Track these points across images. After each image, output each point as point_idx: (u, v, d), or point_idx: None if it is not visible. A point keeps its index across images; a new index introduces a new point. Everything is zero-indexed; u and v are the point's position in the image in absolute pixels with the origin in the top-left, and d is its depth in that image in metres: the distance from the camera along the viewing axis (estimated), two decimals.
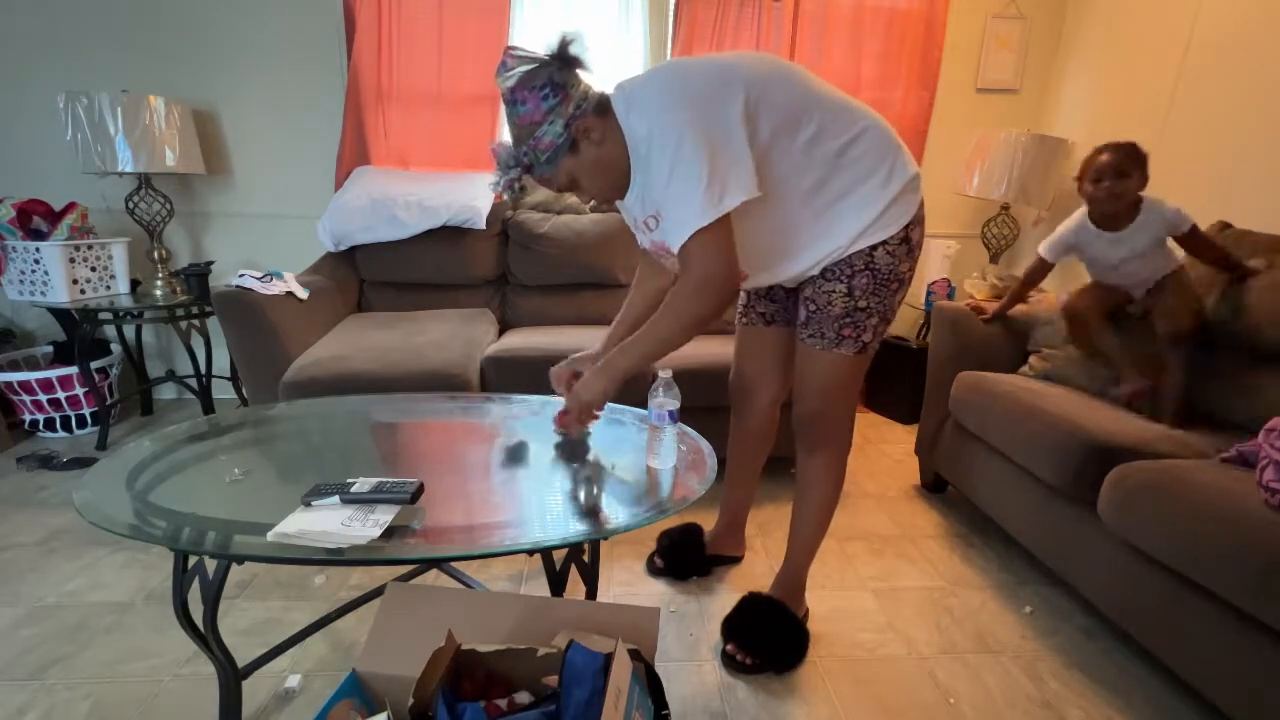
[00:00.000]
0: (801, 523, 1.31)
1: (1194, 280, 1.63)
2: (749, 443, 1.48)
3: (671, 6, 2.44)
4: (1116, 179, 1.51)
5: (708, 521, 1.61)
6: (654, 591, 1.51)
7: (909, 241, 1.11)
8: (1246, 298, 1.55)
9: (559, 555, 1.01)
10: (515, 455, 1.16)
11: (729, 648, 1.27)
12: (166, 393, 2.74)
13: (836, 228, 1.08)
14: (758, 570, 1.59)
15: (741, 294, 1.37)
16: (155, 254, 2.28)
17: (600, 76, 1.03)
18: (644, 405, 1.12)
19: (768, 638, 1.27)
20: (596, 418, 1.18)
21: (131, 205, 2.23)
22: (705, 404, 1.55)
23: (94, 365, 2.23)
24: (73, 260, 2.13)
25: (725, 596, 1.48)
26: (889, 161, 1.08)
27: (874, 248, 1.09)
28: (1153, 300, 1.63)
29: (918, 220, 1.11)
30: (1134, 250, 1.57)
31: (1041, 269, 1.78)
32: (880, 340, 1.18)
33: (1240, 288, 1.57)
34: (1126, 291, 1.68)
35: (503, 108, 1.03)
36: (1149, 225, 1.54)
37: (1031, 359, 1.80)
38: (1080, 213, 1.65)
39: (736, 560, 1.62)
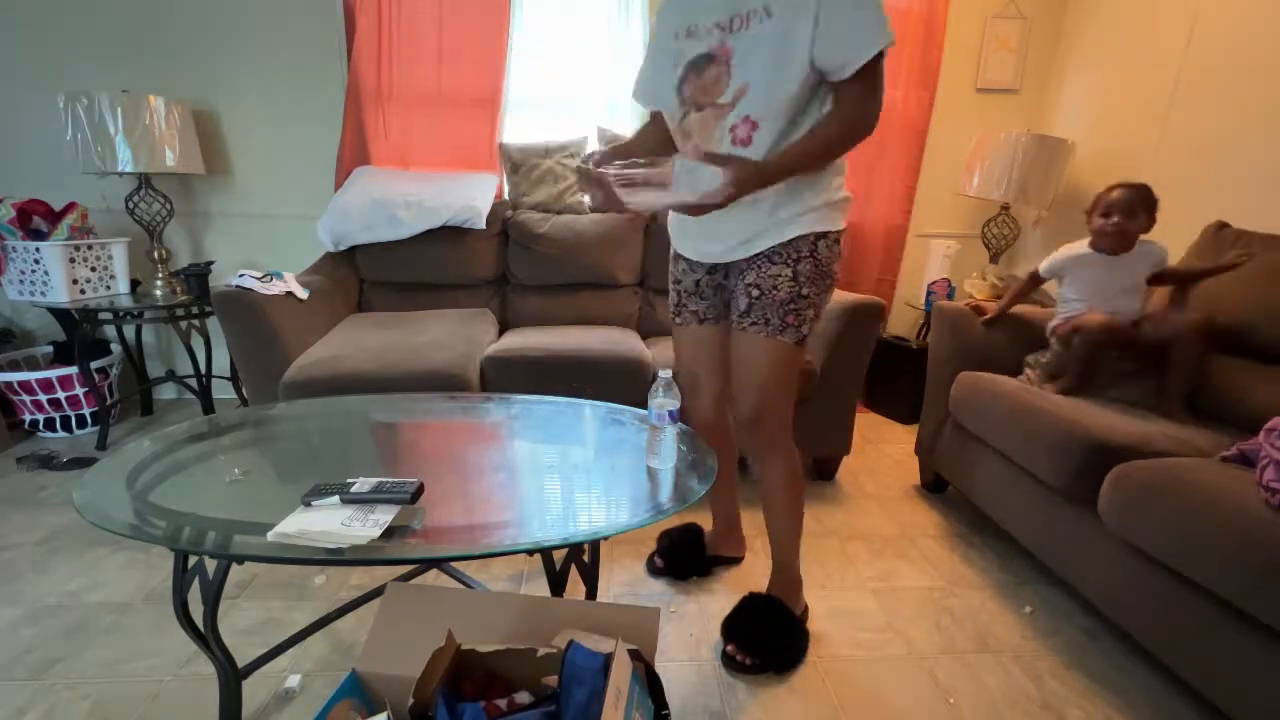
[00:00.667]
0: (776, 530, 1.34)
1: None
2: (708, 440, 1.47)
3: None
4: (1125, 218, 1.60)
5: (708, 522, 1.61)
6: (654, 591, 1.51)
7: (839, 245, 1.18)
8: (1245, 298, 1.55)
9: (559, 555, 1.01)
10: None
11: (729, 648, 1.27)
12: (166, 393, 2.74)
13: (799, 194, 1.11)
14: (757, 570, 1.59)
15: (672, 293, 1.38)
16: (155, 254, 2.28)
17: (599, 75, 1.03)
18: (644, 405, 1.12)
19: (768, 638, 1.27)
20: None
21: (131, 205, 2.23)
22: None
23: (94, 365, 2.23)
24: (73, 260, 2.13)
25: (725, 596, 1.47)
26: (840, 174, 1.16)
27: (818, 238, 1.13)
28: (1151, 323, 1.64)
29: (844, 231, 1.19)
30: (1132, 279, 1.65)
31: (1032, 283, 1.85)
32: (812, 334, 1.21)
33: (1237, 287, 1.58)
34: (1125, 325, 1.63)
35: None
36: (1145, 257, 1.65)
37: (1027, 372, 1.79)
38: (1083, 241, 1.72)
39: (736, 561, 1.62)
